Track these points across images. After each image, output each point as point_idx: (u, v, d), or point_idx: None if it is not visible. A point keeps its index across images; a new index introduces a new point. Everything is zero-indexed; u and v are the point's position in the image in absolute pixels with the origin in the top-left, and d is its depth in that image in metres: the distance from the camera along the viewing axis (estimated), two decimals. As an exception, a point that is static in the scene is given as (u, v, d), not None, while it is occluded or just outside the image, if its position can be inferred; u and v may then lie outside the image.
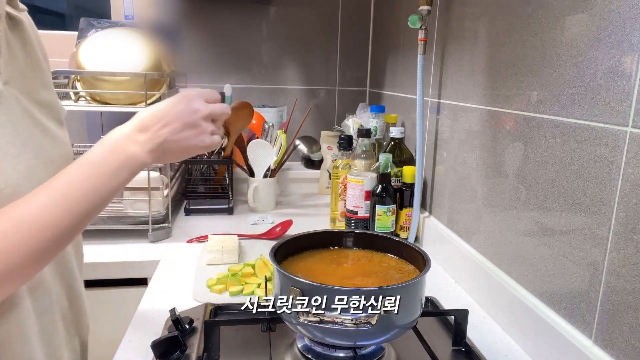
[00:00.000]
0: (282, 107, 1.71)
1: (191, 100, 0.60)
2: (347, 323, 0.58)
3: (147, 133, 0.57)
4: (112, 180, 0.55)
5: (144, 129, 0.58)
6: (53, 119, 0.63)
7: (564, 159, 0.69)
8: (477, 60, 0.94)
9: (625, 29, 0.58)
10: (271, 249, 0.68)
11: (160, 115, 0.58)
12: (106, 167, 0.55)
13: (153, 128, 0.58)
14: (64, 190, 0.52)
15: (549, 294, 0.73)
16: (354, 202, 1.19)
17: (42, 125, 0.60)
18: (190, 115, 0.59)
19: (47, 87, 0.64)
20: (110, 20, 1.56)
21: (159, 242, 1.19)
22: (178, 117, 0.59)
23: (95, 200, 0.54)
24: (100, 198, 0.55)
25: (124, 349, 0.75)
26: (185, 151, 0.61)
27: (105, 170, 0.55)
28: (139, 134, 0.57)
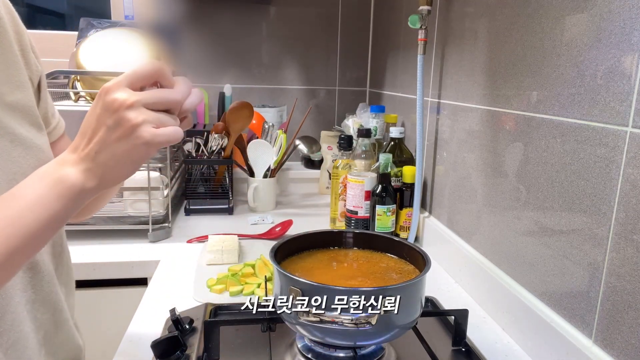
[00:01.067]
0: (282, 107, 1.71)
1: (107, 94, 0.46)
2: (347, 323, 0.58)
3: (76, 152, 0.47)
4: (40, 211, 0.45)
5: (74, 149, 0.48)
6: (28, 124, 0.56)
7: (564, 159, 0.69)
8: (477, 60, 0.94)
9: (625, 29, 0.58)
10: (271, 249, 0.68)
11: (84, 130, 0.47)
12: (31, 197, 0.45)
13: (81, 144, 0.47)
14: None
15: (549, 294, 0.73)
16: (354, 202, 1.19)
17: (12, 134, 0.53)
18: (110, 114, 0.45)
19: (22, 87, 0.57)
20: (110, 20, 1.56)
21: (159, 242, 1.19)
22: (100, 122, 0.46)
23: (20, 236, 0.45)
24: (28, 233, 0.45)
25: (124, 349, 0.75)
26: (128, 158, 0.47)
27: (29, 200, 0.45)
28: (69, 155, 0.48)
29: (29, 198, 0.46)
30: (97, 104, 0.47)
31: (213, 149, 1.40)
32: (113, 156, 0.46)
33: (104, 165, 0.46)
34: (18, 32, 0.59)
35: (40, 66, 0.63)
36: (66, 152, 0.48)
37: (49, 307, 0.61)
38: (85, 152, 0.46)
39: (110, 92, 0.45)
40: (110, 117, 0.45)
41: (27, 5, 2.05)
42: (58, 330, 0.63)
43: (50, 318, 0.61)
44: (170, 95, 0.48)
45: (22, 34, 0.59)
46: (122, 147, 0.45)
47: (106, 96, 0.45)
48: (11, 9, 0.59)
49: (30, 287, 0.57)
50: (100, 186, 0.47)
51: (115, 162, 0.46)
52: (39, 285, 0.59)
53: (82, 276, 1.04)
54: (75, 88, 1.23)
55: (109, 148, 0.46)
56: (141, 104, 0.45)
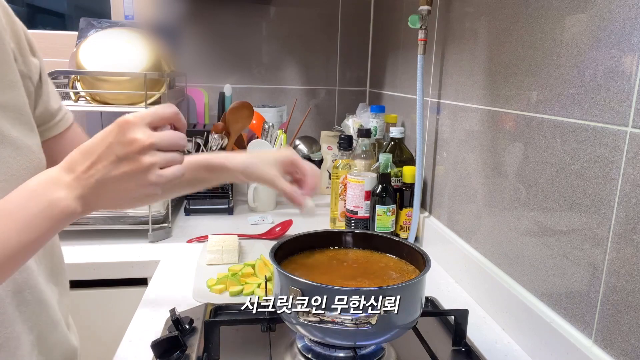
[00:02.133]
0: (282, 107, 1.71)
1: (126, 129, 0.46)
2: (347, 323, 0.58)
3: (73, 174, 0.46)
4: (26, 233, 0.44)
5: (71, 169, 0.47)
6: (19, 124, 0.55)
7: (564, 159, 0.69)
8: (477, 60, 0.94)
9: (625, 29, 0.58)
10: (271, 249, 0.68)
11: (88, 151, 0.46)
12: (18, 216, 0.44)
13: (80, 167, 0.46)
14: None
15: (549, 294, 0.73)
16: (354, 202, 1.19)
17: (2, 135, 0.52)
18: (124, 148, 0.45)
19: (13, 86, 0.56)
20: (110, 20, 1.56)
21: (159, 242, 1.19)
22: (110, 151, 0.46)
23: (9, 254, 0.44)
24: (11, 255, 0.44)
25: (124, 349, 0.75)
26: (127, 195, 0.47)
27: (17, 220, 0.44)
28: (65, 174, 0.46)
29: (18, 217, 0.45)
30: (112, 132, 0.46)
31: (213, 149, 1.40)
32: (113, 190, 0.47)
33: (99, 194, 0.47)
34: (13, 29, 0.58)
35: (40, 61, 0.62)
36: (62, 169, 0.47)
37: (40, 309, 0.60)
38: (85, 175, 0.46)
39: (131, 128, 0.46)
40: (123, 151, 0.46)
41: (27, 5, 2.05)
42: (51, 331, 0.62)
43: (42, 319, 0.60)
44: (182, 141, 0.50)
45: (17, 32, 0.58)
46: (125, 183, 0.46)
47: (127, 131, 0.46)
48: (5, 6, 0.58)
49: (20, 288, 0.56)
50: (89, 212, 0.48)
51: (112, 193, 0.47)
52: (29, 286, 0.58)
53: (82, 276, 1.04)
54: (75, 88, 1.23)
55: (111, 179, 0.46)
56: (156, 147, 0.47)
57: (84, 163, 0.46)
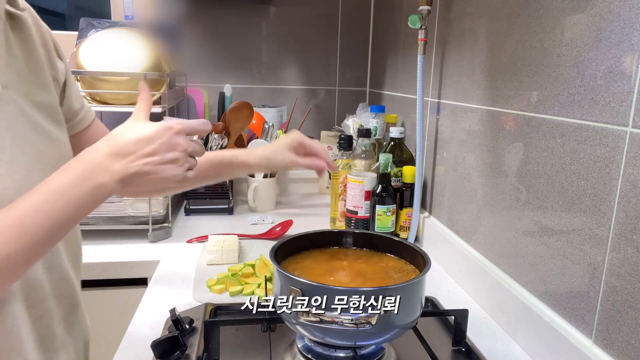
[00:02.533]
0: (282, 107, 1.71)
1: (174, 134, 0.56)
2: (347, 323, 0.58)
3: (121, 161, 0.53)
4: (76, 210, 0.52)
5: (120, 155, 0.54)
6: (52, 121, 0.62)
7: (564, 159, 0.69)
8: (477, 60, 0.94)
9: (625, 29, 0.58)
10: (271, 249, 0.68)
11: (139, 143, 0.54)
12: (70, 196, 0.51)
13: (129, 157, 0.54)
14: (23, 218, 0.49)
15: (549, 294, 0.73)
16: (354, 202, 1.19)
17: (42, 128, 0.59)
18: (170, 150, 0.56)
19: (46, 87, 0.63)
20: (110, 20, 1.56)
21: (159, 242, 1.19)
22: (158, 150, 0.55)
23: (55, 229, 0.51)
24: (61, 227, 0.51)
25: (124, 349, 0.75)
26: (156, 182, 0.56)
27: (69, 199, 0.51)
28: (113, 160, 0.53)
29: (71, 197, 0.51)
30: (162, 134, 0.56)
31: (213, 149, 1.40)
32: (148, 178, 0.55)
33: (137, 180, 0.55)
34: (42, 37, 0.64)
35: (65, 64, 0.69)
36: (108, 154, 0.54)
37: (67, 287, 0.66)
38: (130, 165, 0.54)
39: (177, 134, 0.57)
40: (169, 152, 0.56)
41: (27, 5, 2.05)
42: (74, 309, 0.68)
43: (68, 297, 0.66)
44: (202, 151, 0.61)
45: (46, 39, 0.65)
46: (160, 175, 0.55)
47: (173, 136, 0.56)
48: (36, 16, 0.64)
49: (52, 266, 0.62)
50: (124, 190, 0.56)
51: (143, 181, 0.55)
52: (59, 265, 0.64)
53: (82, 276, 1.03)
54: (75, 88, 1.23)
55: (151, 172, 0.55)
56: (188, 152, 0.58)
57: (135, 153, 0.54)
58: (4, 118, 0.54)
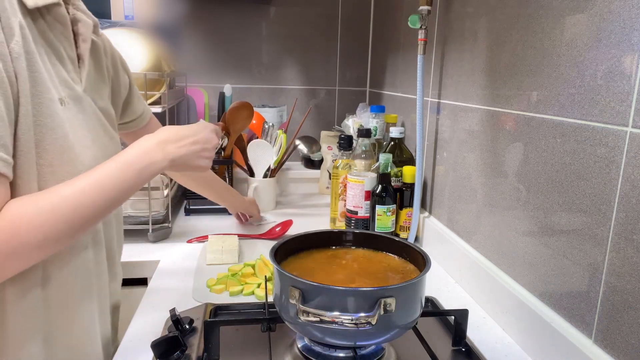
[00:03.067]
0: (282, 107, 1.71)
1: (211, 131, 0.78)
2: (347, 323, 0.58)
3: (173, 145, 0.71)
4: (138, 177, 0.66)
5: (171, 141, 0.71)
6: (110, 123, 0.77)
7: (564, 159, 0.69)
8: (477, 60, 0.94)
9: (625, 29, 0.58)
10: (271, 249, 0.68)
11: (189, 134, 0.74)
12: (136, 166, 0.66)
13: (181, 142, 0.72)
14: (101, 179, 0.62)
15: (549, 294, 0.73)
16: (354, 202, 1.19)
17: (105, 127, 0.75)
18: (207, 142, 0.76)
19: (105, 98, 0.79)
20: (110, 20, 1.56)
21: (159, 242, 1.19)
22: (200, 140, 0.75)
23: (123, 191, 0.64)
24: (127, 190, 0.65)
25: (124, 348, 0.75)
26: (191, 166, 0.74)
27: (135, 169, 0.65)
28: (167, 144, 0.70)
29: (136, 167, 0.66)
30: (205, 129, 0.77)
31: (213, 149, 1.40)
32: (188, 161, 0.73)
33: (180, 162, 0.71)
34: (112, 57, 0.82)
35: (130, 78, 0.88)
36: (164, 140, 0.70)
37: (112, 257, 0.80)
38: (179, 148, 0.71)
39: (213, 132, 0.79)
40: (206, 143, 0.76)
41: (27, 5, 2.05)
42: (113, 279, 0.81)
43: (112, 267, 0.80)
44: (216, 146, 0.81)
45: (115, 59, 0.83)
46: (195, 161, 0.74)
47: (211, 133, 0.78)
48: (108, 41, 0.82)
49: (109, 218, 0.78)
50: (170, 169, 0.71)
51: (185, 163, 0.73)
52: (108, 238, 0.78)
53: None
54: (75, 88, 1.23)
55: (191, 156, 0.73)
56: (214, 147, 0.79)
57: (185, 140, 0.72)
58: (84, 114, 0.69)
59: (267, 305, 0.78)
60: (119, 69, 0.84)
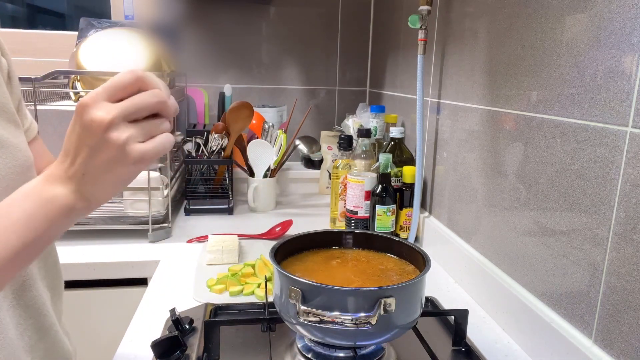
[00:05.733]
0: (282, 107, 1.71)
1: (84, 113, 0.42)
2: (347, 323, 0.58)
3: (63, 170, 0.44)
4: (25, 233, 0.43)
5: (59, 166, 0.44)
6: (5, 121, 0.54)
7: (564, 159, 0.69)
8: (477, 60, 0.94)
9: (625, 29, 0.58)
10: (271, 249, 0.68)
11: (66, 144, 0.44)
12: (16, 217, 0.43)
13: (66, 162, 0.44)
14: None
15: (549, 294, 0.73)
16: (354, 202, 1.19)
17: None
18: (90, 134, 0.41)
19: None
20: (110, 20, 1.56)
21: (159, 242, 1.19)
22: (80, 141, 0.42)
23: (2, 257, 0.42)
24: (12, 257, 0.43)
25: (124, 348, 0.75)
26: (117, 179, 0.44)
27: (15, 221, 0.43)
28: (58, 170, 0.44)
29: (15, 217, 0.43)
30: (75, 121, 0.42)
31: (213, 149, 1.40)
32: (100, 178, 0.43)
33: (92, 186, 0.44)
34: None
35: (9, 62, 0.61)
36: (54, 166, 0.45)
37: (33, 313, 0.59)
38: (72, 172, 0.43)
39: (87, 109, 0.41)
40: (92, 139, 0.41)
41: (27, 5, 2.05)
42: (44, 336, 0.61)
43: (35, 323, 0.59)
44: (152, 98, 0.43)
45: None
46: (109, 169, 0.42)
47: (83, 114, 0.41)
48: None
49: (11, 292, 0.55)
50: (92, 206, 0.45)
51: (103, 183, 0.44)
52: (21, 290, 0.57)
53: (82, 276, 1.04)
54: (75, 88, 1.23)
55: (95, 170, 0.42)
56: (122, 119, 0.41)
57: (67, 159, 0.44)
58: None
59: (267, 305, 0.78)
60: None
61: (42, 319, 0.60)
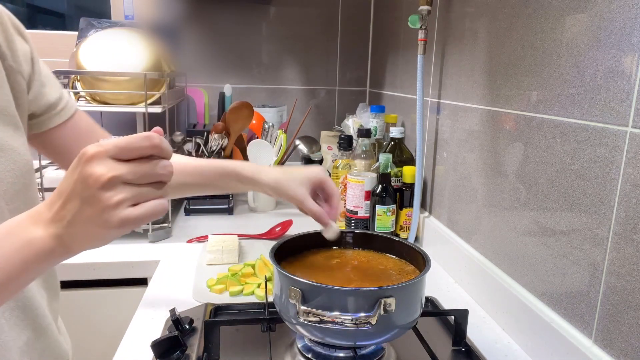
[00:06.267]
0: (282, 107, 1.71)
1: (86, 163, 0.40)
2: (347, 323, 0.58)
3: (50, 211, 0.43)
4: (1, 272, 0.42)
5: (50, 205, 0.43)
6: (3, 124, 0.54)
7: (564, 159, 0.69)
8: (477, 60, 0.94)
9: (625, 29, 0.58)
10: (271, 249, 0.68)
11: (61, 186, 0.43)
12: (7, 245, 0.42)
13: (55, 207, 0.43)
14: None
15: (549, 294, 0.73)
16: (354, 202, 1.19)
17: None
18: (84, 187, 0.40)
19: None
20: (110, 20, 1.56)
21: (159, 242, 1.19)
22: (74, 190, 0.41)
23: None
24: None
25: (124, 348, 0.75)
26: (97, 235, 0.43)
27: None
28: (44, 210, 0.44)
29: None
30: (76, 167, 0.42)
31: (213, 149, 1.40)
32: (83, 229, 0.42)
33: (76, 236, 0.43)
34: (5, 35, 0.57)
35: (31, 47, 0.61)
36: (43, 205, 0.45)
37: (29, 314, 0.58)
38: (59, 216, 0.42)
39: (89, 161, 0.40)
40: (85, 191, 0.41)
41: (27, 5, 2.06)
42: (40, 337, 0.60)
43: (31, 324, 0.59)
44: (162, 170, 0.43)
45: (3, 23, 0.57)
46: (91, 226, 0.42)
47: (85, 165, 0.40)
48: None
49: None
50: (70, 253, 0.44)
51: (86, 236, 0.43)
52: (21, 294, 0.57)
53: (82, 276, 1.04)
54: (75, 88, 1.23)
55: (80, 222, 0.42)
56: (121, 181, 0.40)
57: (59, 201, 0.43)
58: None
59: (267, 305, 0.78)
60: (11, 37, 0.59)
61: (39, 320, 0.60)
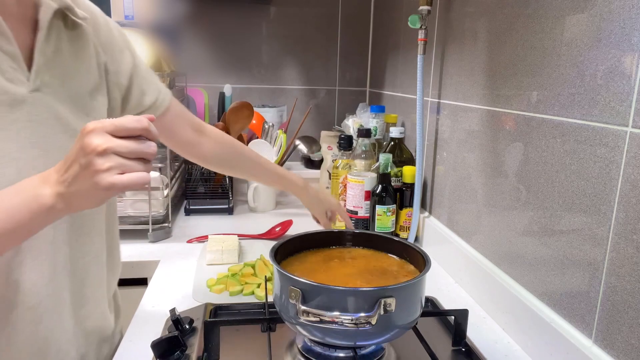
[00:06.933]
0: (282, 107, 1.71)
1: (86, 135, 0.50)
2: (347, 323, 0.58)
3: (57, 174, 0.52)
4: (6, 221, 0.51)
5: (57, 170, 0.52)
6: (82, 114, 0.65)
7: (564, 159, 0.69)
8: (477, 60, 0.94)
9: (625, 29, 0.58)
10: (271, 249, 0.68)
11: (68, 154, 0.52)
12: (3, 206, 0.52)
13: (62, 169, 0.52)
14: None
15: (549, 294, 0.73)
16: (354, 202, 1.19)
17: (74, 130, 0.63)
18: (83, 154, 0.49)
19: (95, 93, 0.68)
20: (110, 20, 1.56)
21: (159, 242, 1.19)
22: (76, 157, 0.50)
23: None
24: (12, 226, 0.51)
25: (124, 349, 0.75)
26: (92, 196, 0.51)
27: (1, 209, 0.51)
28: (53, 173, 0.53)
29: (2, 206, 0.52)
30: (79, 139, 0.51)
31: (213, 149, 1.39)
32: (80, 190, 0.51)
33: (74, 195, 0.51)
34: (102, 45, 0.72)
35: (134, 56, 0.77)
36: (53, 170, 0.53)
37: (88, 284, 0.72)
38: (62, 178, 0.51)
39: (90, 133, 0.50)
40: (83, 158, 0.49)
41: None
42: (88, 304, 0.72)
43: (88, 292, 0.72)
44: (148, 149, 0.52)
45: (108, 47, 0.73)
46: (86, 186, 0.50)
47: (85, 137, 0.50)
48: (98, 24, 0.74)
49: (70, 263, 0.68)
50: (69, 210, 0.53)
51: (82, 195, 0.52)
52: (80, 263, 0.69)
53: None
54: (75, 88, 1.23)
55: (78, 183, 0.51)
56: (112, 151, 0.49)
57: (64, 166, 0.52)
58: (29, 119, 0.60)
59: (267, 305, 0.78)
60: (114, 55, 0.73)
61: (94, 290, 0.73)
